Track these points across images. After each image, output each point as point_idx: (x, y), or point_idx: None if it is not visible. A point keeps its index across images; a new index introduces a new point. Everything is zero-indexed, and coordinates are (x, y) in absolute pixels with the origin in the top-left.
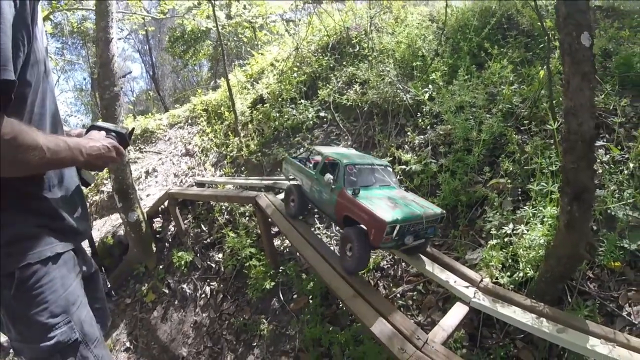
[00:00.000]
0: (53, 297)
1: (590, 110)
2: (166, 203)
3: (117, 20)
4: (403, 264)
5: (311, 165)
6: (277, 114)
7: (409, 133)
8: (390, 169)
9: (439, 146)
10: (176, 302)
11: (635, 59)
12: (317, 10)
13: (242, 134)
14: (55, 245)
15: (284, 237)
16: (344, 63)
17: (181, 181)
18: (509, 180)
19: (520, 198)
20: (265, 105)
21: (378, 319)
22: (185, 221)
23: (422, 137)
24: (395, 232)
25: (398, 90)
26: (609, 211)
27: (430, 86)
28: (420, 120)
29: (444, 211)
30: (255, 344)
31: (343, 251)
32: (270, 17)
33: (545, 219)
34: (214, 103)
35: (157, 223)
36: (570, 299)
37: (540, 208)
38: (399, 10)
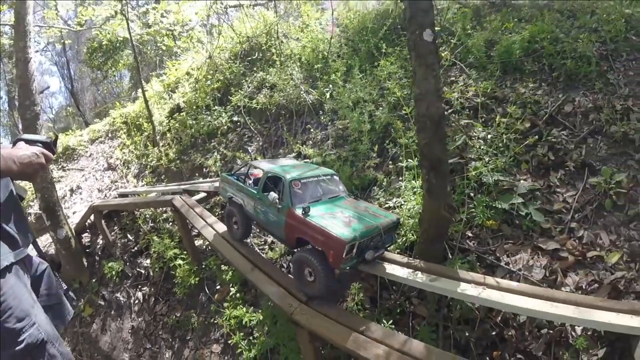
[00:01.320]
0: (15, 303)
1: (436, 95)
2: (92, 217)
3: (34, 33)
4: None
5: (251, 181)
6: (194, 122)
7: (312, 130)
8: (337, 177)
9: (337, 139)
10: (112, 312)
11: (515, 47)
12: (227, 20)
13: (160, 144)
14: (7, 255)
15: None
16: (254, 69)
17: (105, 195)
18: (394, 163)
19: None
20: (182, 113)
21: (271, 283)
22: (112, 233)
23: (323, 132)
24: (355, 249)
25: (302, 92)
26: (482, 178)
27: (331, 86)
28: (322, 118)
29: (399, 217)
30: (189, 337)
31: (301, 276)
32: (188, 25)
33: (415, 190)
34: (132, 115)
35: (86, 238)
36: (451, 256)
37: (412, 181)
38: (307, 14)
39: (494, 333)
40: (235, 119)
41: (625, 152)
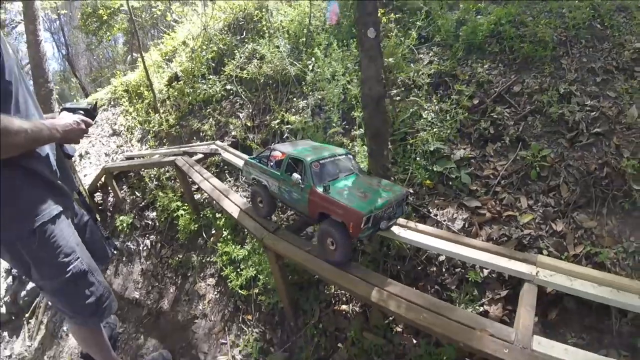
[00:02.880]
0: (64, 242)
1: (377, 79)
2: (103, 178)
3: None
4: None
5: (272, 163)
6: (191, 90)
7: (294, 99)
8: (351, 156)
9: (315, 108)
10: (124, 259)
11: (480, 29)
12: None
13: (161, 111)
14: (56, 206)
15: (201, 190)
16: (246, 40)
17: (112, 159)
18: (360, 130)
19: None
20: (179, 82)
21: (249, 219)
22: (122, 191)
23: (304, 101)
24: (371, 220)
25: (287, 64)
26: (428, 147)
27: (313, 58)
28: (304, 88)
29: (409, 190)
30: (189, 274)
31: (325, 245)
32: None
33: (365, 154)
34: (133, 84)
35: (98, 197)
36: None
37: (363, 146)
38: None
39: (419, 268)
40: (228, 87)
41: (558, 131)
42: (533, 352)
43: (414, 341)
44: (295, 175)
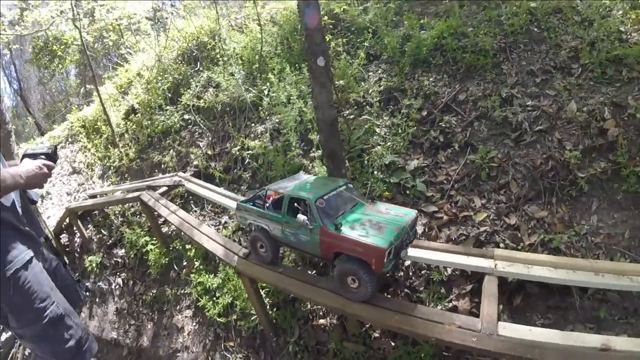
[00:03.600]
0: (38, 287)
1: (329, 104)
2: (68, 219)
3: None
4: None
5: (269, 204)
6: (149, 122)
7: (252, 125)
8: (351, 185)
9: (273, 132)
10: (97, 300)
11: (424, 43)
12: (175, 17)
13: (120, 145)
14: (28, 251)
15: (168, 223)
16: (201, 68)
17: (74, 198)
18: (318, 151)
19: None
20: (137, 115)
21: (217, 245)
22: (87, 230)
23: (263, 126)
24: (392, 252)
25: (243, 91)
26: (383, 161)
27: (268, 83)
28: (261, 113)
29: (417, 211)
30: (165, 308)
31: (345, 284)
32: (134, 18)
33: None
34: (90, 119)
35: (64, 238)
36: None
37: (322, 167)
38: (253, 10)
39: (388, 275)
40: (186, 117)
41: (503, 133)
42: (499, 337)
43: (392, 344)
44: (301, 217)
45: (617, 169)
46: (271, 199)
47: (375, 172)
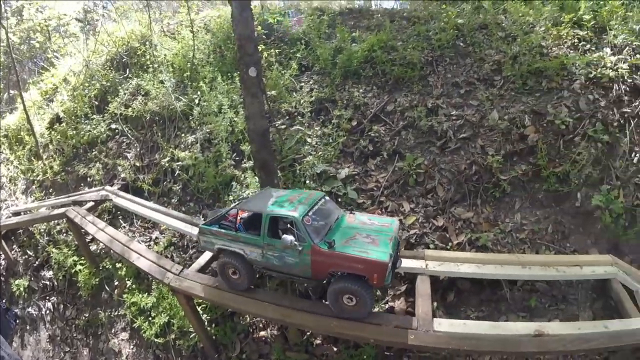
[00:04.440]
0: None
1: (260, 115)
2: None
3: None
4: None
5: (239, 225)
6: (74, 132)
7: (182, 135)
8: (327, 197)
9: (204, 142)
10: (28, 327)
11: (355, 56)
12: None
13: (44, 157)
14: None
15: (97, 240)
16: (130, 75)
17: None
18: (250, 162)
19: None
20: (62, 124)
21: (149, 262)
22: (12, 251)
23: (193, 136)
24: (390, 264)
25: (173, 99)
26: (315, 170)
27: (199, 92)
28: (191, 123)
29: (398, 219)
30: (100, 332)
31: (341, 303)
32: (64, 19)
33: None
34: (12, 128)
35: None
36: None
37: (255, 177)
38: (187, 16)
39: (325, 282)
40: (113, 126)
41: (429, 141)
42: (435, 332)
43: (335, 349)
44: (287, 237)
45: (537, 170)
46: (239, 218)
47: (308, 182)
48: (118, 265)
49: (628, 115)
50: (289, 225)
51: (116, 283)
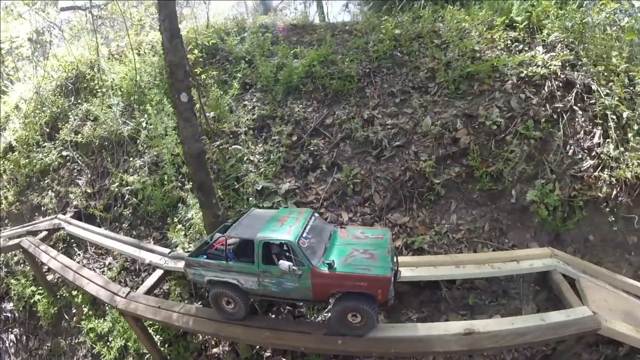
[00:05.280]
0: None
1: (194, 138)
2: None
3: None
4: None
5: (228, 252)
6: (27, 160)
7: (131, 159)
8: (316, 214)
9: (151, 165)
10: None
11: (296, 72)
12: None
13: None
14: None
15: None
16: (79, 101)
17: None
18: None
19: None
20: (14, 153)
21: (98, 287)
22: None
23: (141, 160)
24: (393, 277)
25: (121, 124)
26: (256, 187)
27: (146, 115)
28: (139, 147)
29: (389, 228)
30: None
31: (346, 322)
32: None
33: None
34: None
35: None
36: None
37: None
38: (134, 38)
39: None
40: (64, 153)
41: (365, 151)
42: (364, 337)
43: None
44: (284, 263)
45: (470, 171)
46: (227, 245)
47: (250, 199)
48: (75, 292)
49: (560, 109)
50: (284, 247)
51: (74, 310)
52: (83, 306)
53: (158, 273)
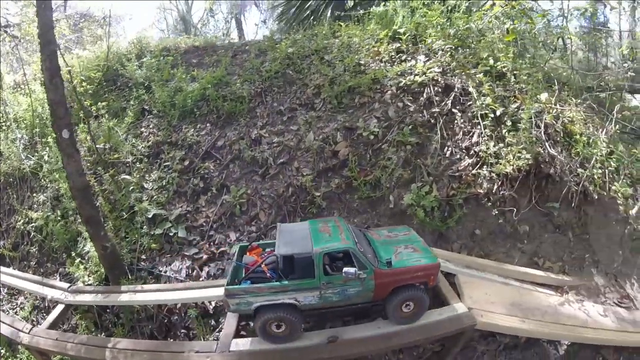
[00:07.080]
0: None
1: (78, 174)
2: None
3: None
4: None
5: (271, 272)
6: None
7: (35, 194)
8: (339, 217)
9: (54, 200)
10: None
11: (191, 95)
12: None
13: None
14: None
15: None
16: None
17: None
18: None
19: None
20: None
21: (6, 326)
22: None
23: (44, 195)
24: None
25: (23, 159)
26: (148, 215)
27: (48, 148)
28: (42, 181)
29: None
30: None
31: (400, 312)
32: None
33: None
34: None
35: None
36: (131, 276)
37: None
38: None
39: (166, 321)
40: None
41: (252, 170)
42: (230, 352)
43: None
44: (350, 269)
45: (350, 182)
46: (264, 265)
47: (144, 228)
48: None
49: (437, 114)
50: (340, 255)
51: None
52: (1, 348)
53: (59, 308)
